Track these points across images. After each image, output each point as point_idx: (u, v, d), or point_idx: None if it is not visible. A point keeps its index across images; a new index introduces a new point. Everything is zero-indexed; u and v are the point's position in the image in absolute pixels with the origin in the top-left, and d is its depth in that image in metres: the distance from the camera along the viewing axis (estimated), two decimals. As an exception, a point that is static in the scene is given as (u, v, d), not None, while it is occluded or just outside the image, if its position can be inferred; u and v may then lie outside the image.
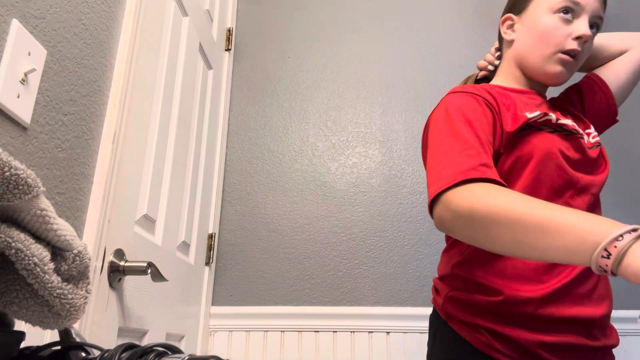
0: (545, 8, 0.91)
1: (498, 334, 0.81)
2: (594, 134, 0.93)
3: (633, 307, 1.48)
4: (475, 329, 0.82)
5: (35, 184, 0.36)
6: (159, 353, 0.39)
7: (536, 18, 0.92)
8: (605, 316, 0.82)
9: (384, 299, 1.52)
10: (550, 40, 0.89)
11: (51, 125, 0.74)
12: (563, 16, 0.89)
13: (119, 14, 0.97)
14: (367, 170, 1.67)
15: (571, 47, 0.88)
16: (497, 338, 0.81)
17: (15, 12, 0.66)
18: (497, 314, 0.82)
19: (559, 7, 0.89)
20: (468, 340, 0.83)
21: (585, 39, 0.88)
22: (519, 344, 0.79)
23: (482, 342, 0.81)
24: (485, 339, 0.81)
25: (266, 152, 1.71)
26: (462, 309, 0.85)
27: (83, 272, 0.42)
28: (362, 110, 1.74)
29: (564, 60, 0.89)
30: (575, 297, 0.81)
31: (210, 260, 1.52)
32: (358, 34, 1.84)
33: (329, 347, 1.46)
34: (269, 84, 1.79)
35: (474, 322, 0.83)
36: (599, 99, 1.00)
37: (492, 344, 0.80)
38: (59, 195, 0.76)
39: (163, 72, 1.18)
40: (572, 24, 0.89)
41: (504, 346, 0.80)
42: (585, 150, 0.88)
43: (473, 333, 0.82)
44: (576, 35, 0.88)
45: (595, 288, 0.83)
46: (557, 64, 0.89)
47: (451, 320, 0.86)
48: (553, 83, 0.93)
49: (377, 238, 1.58)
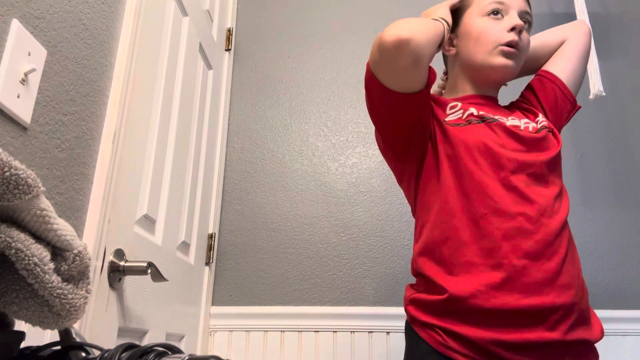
0: (476, 14, 0.99)
1: (451, 333, 0.81)
2: (541, 121, 0.98)
3: (633, 307, 1.48)
4: (432, 329, 0.83)
5: (35, 184, 0.36)
6: (159, 353, 0.39)
7: (470, 25, 0.99)
8: (571, 306, 0.79)
9: (384, 299, 1.52)
10: (487, 38, 0.96)
11: (51, 125, 0.74)
12: (493, 17, 0.97)
13: (119, 14, 0.97)
14: (367, 170, 1.67)
15: (509, 39, 0.94)
16: (452, 337, 0.80)
17: (15, 12, 0.66)
18: (448, 312, 0.82)
19: (487, 10, 0.97)
20: (426, 340, 0.83)
21: (519, 28, 0.94)
22: (473, 343, 0.78)
23: (438, 342, 0.81)
24: (441, 339, 0.81)
25: (266, 152, 1.71)
26: (420, 310, 0.87)
27: (83, 272, 0.42)
28: (362, 110, 1.74)
29: (506, 51, 0.94)
30: (529, 286, 0.78)
31: (210, 260, 1.52)
32: (358, 34, 1.84)
33: (329, 347, 1.46)
34: (269, 84, 1.79)
35: (430, 322, 0.84)
36: (551, 90, 1.04)
37: (447, 344, 0.80)
38: (59, 195, 0.76)
39: (163, 72, 1.18)
40: (502, 20, 0.97)
41: (459, 345, 0.79)
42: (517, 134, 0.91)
43: (430, 333, 0.83)
44: (510, 27, 0.94)
45: (555, 276, 0.80)
46: (501, 55, 0.95)
47: (413, 323, 0.88)
48: (502, 75, 0.98)
49: (377, 238, 1.58)
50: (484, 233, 0.83)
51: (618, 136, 1.68)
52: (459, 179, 0.88)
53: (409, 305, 0.90)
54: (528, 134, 0.92)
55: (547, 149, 0.93)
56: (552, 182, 0.90)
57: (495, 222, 0.83)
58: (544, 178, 0.89)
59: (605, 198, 1.61)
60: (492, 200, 0.84)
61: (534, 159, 0.89)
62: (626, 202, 1.60)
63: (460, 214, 0.86)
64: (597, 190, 1.61)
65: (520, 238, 0.81)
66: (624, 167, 1.65)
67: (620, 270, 1.52)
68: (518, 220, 0.82)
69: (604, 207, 1.60)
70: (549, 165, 0.90)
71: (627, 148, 1.67)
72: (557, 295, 0.79)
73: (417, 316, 0.86)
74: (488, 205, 0.84)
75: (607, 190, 1.62)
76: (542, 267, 0.80)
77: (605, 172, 1.64)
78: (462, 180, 0.87)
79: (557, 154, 0.93)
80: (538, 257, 0.80)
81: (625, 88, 1.74)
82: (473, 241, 0.83)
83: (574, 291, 0.81)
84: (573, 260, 0.85)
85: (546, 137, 0.93)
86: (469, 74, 1.01)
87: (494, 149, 0.88)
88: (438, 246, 0.87)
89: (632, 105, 1.71)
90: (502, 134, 0.91)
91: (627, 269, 1.52)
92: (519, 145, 0.91)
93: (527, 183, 0.86)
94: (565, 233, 0.85)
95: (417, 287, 0.91)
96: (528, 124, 0.95)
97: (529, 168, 0.88)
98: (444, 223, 0.87)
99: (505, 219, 0.83)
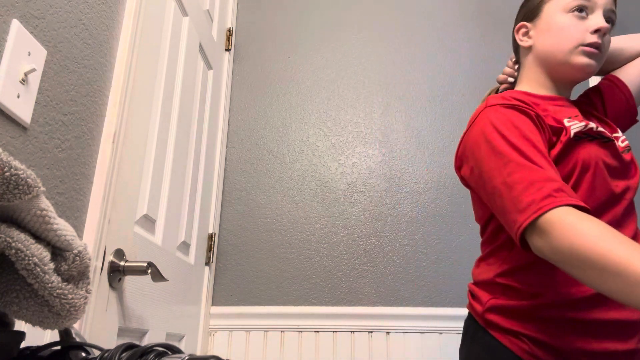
0: (559, 9, 0.93)
1: (539, 342, 0.81)
2: (622, 138, 0.93)
3: None
4: (517, 336, 0.82)
5: (35, 184, 0.36)
6: (159, 353, 0.39)
7: (551, 19, 0.93)
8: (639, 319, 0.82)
9: (384, 299, 1.52)
10: (570, 35, 0.90)
11: (51, 125, 0.74)
12: (578, 14, 0.91)
13: (119, 14, 0.97)
14: (367, 170, 1.67)
15: (592, 40, 0.89)
16: (539, 345, 0.81)
17: (15, 12, 0.66)
18: (540, 320, 0.81)
19: (572, 6, 0.91)
20: (509, 347, 0.82)
21: (604, 31, 0.89)
22: (560, 351, 0.79)
23: (523, 350, 0.81)
24: (527, 347, 0.81)
25: (266, 152, 1.71)
26: (505, 316, 0.85)
27: (83, 272, 0.42)
28: (362, 110, 1.74)
29: (588, 52, 0.89)
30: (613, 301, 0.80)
31: (210, 260, 1.52)
32: (358, 34, 1.84)
33: (329, 347, 1.46)
34: (269, 84, 1.79)
35: (516, 330, 0.82)
36: (619, 99, 1.00)
37: (533, 352, 0.81)
38: (59, 195, 0.76)
39: (163, 72, 1.18)
40: (587, 19, 0.91)
41: (545, 353, 0.80)
42: (620, 156, 0.88)
43: (514, 340, 0.82)
44: (594, 29, 0.89)
45: None
46: (583, 55, 0.90)
47: (491, 328, 0.86)
48: (582, 75, 0.93)
49: (377, 238, 1.58)
50: None
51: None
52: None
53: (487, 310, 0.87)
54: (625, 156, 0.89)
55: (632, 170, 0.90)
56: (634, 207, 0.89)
57: None
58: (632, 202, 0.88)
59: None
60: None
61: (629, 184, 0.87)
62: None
63: None
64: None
65: None
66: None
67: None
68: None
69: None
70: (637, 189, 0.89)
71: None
72: (632, 310, 0.81)
73: (498, 322, 0.85)
74: None
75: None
76: None
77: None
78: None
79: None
80: None
81: (625, 88, 1.74)
82: None
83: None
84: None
85: (632, 159, 0.91)
86: (546, 69, 0.95)
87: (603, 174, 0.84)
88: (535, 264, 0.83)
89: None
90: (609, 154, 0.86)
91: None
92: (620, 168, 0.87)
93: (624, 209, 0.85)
94: None
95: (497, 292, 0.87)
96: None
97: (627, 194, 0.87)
98: None
99: None
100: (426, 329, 1.47)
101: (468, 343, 0.91)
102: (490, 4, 1.86)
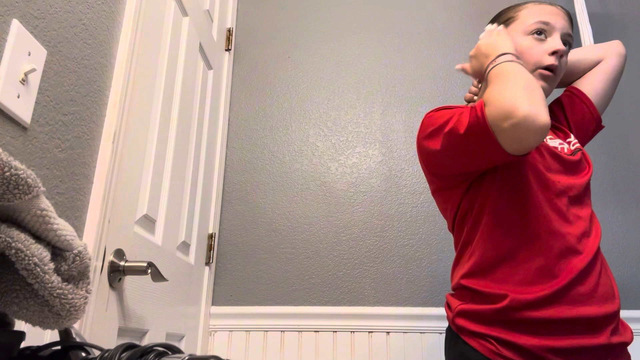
0: (520, 32, 0.98)
1: (505, 342, 0.84)
2: (574, 142, 1.00)
3: (633, 307, 1.47)
4: (484, 338, 0.86)
5: (35, 184, 0.36)
6: (159, 353, 0.39)
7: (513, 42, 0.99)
8: (611, 315, 0.84)
9: (384, 299, 1.51)
10: (528, 58, 0.96)
11: (51, 125, 0.74)
12: (537, 37, 0.97)
13: (119, 14, 0.97)
14: (367, 170, 1.67)
15: (549, 63, 0.95)
16: (505, 345, 0.83)
17: (15, 12, 0.66)
18: (503, 321, 0.85)
19: (531, 30, 0.97)
20: (478, 350, 0.86)
21: (561, 53, 0.95)
22: (526, 350, 0.82)
23: (491, 351, 0.84)
24: (494, 347, 0.84)
25: (266, 152, 1.71)
26: (471, 320, 0.88)
27: (83, 272, 0.42)
28: (362, 110, 1.74)
29: (544, 75, 0.95)
30: (575, 298, 0.83)
31: (210, 260, 1.52)
32: (358, 34, 1.84)
33: (329, 347, 1.46)
34: (269, 84, 1.79)
35: (482, 332, 0.86)
36: (580, 108, 1.07)
37: (500, 352, 0.83)
38: (59, 195, 0.76)
39: (163, 72, 1.18)
40: (545, 42, 0.97)
41: (512, 353, 0.83)
42: (560, 156, 0.94)
43: (482, 342, 0.86)
44: (552, 51, 0.95)
45: (595, 288, 0.85)
46: (538, 79, 0.96)
47: (462, 333, 0.90)
48: None
49: (377, 238, 1.58)
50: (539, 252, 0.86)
51: (618, 136, 1.68)
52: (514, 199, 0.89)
53: (456, 316, 0.91)
54: (567, 156, 0.95)
55: (582, 171, 0.96)
56: (586, 204, 0.94)
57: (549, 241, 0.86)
58: (580, 200, 0.92)
59: (605, 198, 1.61)
60: (545, 220, 0.87)
61: (573, 182, 0.92)
62: (626, 202, 1.60)
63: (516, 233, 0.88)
64: (597, 190, 1.61)
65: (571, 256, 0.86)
66: (624, 167, 1.64)
67: (621, 270, 1.52)
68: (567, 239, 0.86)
69: (604, 207, 1.60)
70: (585, 187, 0.94)
71: (627, 148, 1.67)
72: (599, 305, 0.84)
73: (467, 326, 0.88)
74: (542, 225, 0.87)
75: (607, 190, 1.62)
76: (586, 282, 0.85)
77: (605, 172, 1.64)
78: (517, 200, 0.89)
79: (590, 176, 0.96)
80: (584, 273, 0.85)
81: (625, 88, 1.74)
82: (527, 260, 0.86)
83: (612, 300, 0.86)
84: (606, 271, 0.90)
85: (581, 159, 0.97)
86: None
87: (541, 170, 0.90)
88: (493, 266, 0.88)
89: (632, 105, 1.71)
90: (547, 156, 0.93)
91: (627, 268, 1.52)
92: (560, 167, 0.93)
93: (567, 206, 0.90)
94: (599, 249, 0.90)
95: (463, 298, 0.92)
96: (563, 145, 0.98)
97: (569, 191, 0.91)
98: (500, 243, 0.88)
99: (557, 238, 0.86)
100: (426, 329, 1.47)
101: (446, 351, 0.95)
102: (491, 5, 1.86)
